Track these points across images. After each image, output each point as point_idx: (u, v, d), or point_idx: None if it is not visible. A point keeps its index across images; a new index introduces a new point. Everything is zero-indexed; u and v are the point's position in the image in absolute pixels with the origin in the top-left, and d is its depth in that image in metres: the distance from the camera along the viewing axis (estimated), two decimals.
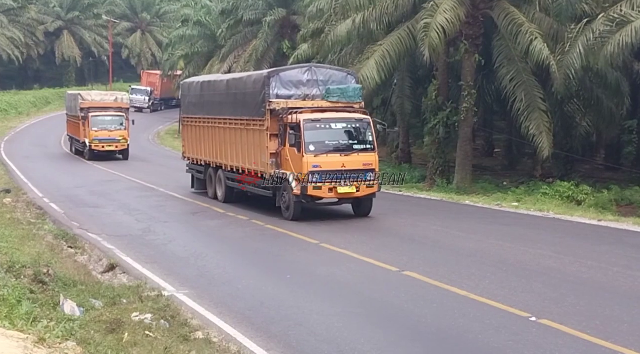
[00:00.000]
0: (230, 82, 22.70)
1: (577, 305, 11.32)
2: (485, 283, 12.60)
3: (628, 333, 10.03)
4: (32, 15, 78.77)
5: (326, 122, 19.01)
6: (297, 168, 18.51)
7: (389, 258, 14.60)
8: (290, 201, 18.88)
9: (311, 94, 19.92)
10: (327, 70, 20.71)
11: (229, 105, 21.93)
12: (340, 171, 18.56)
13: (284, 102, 19.44)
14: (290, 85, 19.80)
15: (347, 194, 18.65)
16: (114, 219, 20.50)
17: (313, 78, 20.01)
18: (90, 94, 40.41)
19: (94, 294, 11.76)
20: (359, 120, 19.32)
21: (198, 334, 10.18)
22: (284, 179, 18.90)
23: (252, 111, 20.18)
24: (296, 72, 20.17)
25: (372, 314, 11.38)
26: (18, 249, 14.34)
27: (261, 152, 19.82)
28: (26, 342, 6.49)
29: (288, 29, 42.16)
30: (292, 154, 18.79)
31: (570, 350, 9.51)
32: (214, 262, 15.08)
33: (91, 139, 37.20)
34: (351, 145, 18.96)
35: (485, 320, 10.80)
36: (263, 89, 19.56)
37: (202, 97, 24.29)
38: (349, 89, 19.84)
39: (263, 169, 19.74)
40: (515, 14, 23.53)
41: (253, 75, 21.75)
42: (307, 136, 18.47)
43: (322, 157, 18.55)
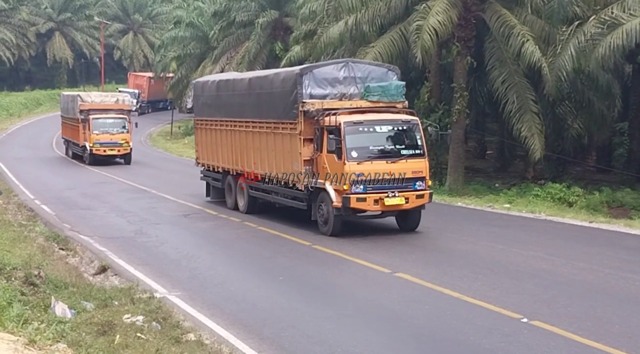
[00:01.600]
0: (253, 80, 20.40)
1: (568, 306, 11.35)
2: (477, 285, 12.62)
3: (619, 334, 10.06)
4: (23, 16, 78.53)
5: (370, 124, 16.90)
6: (337, 177, 16.52)
7: (380, 260, 14.61)
8: (329, 214, 16.88)
9: (348, 92, 17.91)
10: (365, 66, 18.57)
11: (252, 106, 19.88)
12: (387, 179, 16.50)
13: (319, 102, 17.40)
14: (325, 84, 17.74)
15: (395, 206, 16.62)
16: (105, 221, 20.45)
17: (350, 75, 17.93)
18: (89, 95, 38.42)
19: (85, 296, 11.73)
20: (406, 122, 17.27)
21: (190, 336, 10.17)
22: (321, 190, 16.99)
23: (281, 112, 18.18)
24: (331, 69, 18.01)
25: (364, 316, 11.38)
26: (9, 251, 14.28)
27: (292, 158, 17.80)
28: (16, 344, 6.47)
29: (280, 31, 42.19)
30: (330, 161, 16.77)
31: (561, 351, 9.54)
32: (206, 264, 15.06)
33: (92, 143, 35.27)
34: (398, 150, 16.95)
35: (477, 321, 10.82)
36: (294, 88, 17.49)
37: (219, 97, 22.15)
38: (390, 86, 17.76)
39: (295, 178, 17.71)
40: (507, 16, 23.60)
41: (281, 72, 19.34)
42: (348, 140, 16.45)
43: (366, 165, 16.48)
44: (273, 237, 17.56)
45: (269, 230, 18.22)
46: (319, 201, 17.19)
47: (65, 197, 24.85)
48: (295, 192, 17.89)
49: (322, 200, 17.07)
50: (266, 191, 19.50)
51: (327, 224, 17.07)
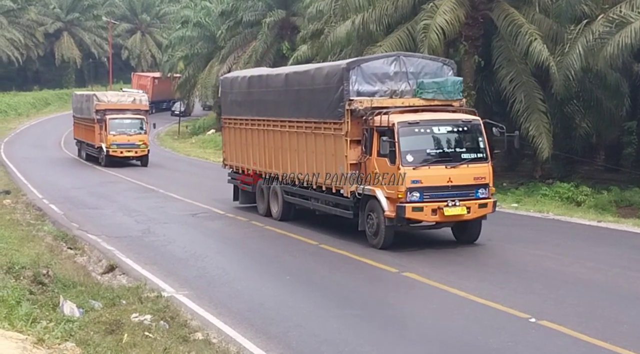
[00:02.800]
0: (291, 76, 18.81)
1: (576, 306, 11.32)
2: (484, 284, 12.60)
3: (628, 333, 10.03)
4: (31, 16, 78.75)
5: (427, 125, 15.28)
6: (390, 183, 14.97)
7: (387, 259, 14.60)
8: (380, 224, 15.26)
9: (399, 89, 16.38)
10: (418, 60, 16.98)
11: (289, 104, 18.40)
12: (447, 186, 14.89)
13: (367, 100, 15.93)
14: (374, 79, 16.24)
15: (456, 216, 15.00)
16: (113, 220, 20.49)
17: (401, 70, 16.39)
18: (106, 94, 37.16)
19: (93, 295, 11.76)
20: (467, 122, 15.65)
21: (197, 335, 10.19)
22: (371, 197, 15.45)
23: (324, 111, 16.72)
24: (381, 63, 16.47)
25: (372, 316, 11.38)
26: (17, 250, 14.34)
27: (336, 162, 16.32)
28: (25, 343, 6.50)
29: (287, 30, 42.20)
30: (381, 166, 15.20)
31: (569, 351, 9.52)
32: (213, 263, 15.07)
33: (108, 144, 33.98)
34: (459, 154, 15.32)
35: (484, 321, 10.81)
36: (340, 85, 16.02)
37: (250, 94, 20.60)
38: (446, 82, 16.22)
39: (339, 184, 16.24)
40: (514, 15, 23.54)
41: (324, 67, 17.72)
42: (403, 143, 14.84)
43: (423, 170, 14.88)
44: (280, 236, 17.56)
45: (276, 229, 18.22)
46: (368, 209, 15.60)
47: (73, 197, 24.91)
48: (340, 199, 16.45)
49: (372, 209, 15.46)
50: (304, 196, 18.13)
51: (377, 236, 15.40)
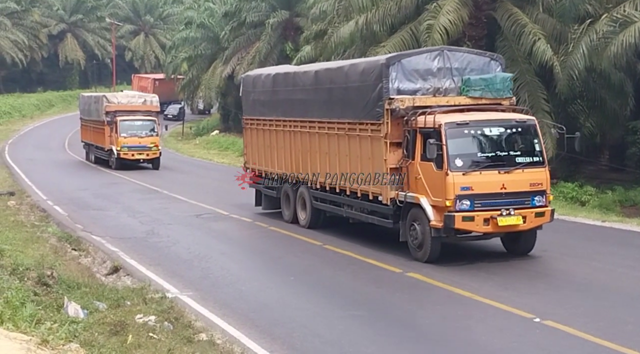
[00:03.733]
0: (322, 73, 17.56)
1: (581, 306, 11.31)
2: (488, 285, 12.58)
3: (633, 333, 10.02)
4: (35, 18, 78.91)
5: (477, 126, 13.99)
6: (437, 190, 13.68)
7: (391, 259, 14.56)
8: (425, 236, 13.99)
9: (443, 86, 15.15)
10: (463, 55, 15.71)
11: (320, 104, 17.22)
12: (500, 194, 13.60)
13: (409, 99, 14.66)
14: (416, 76, 15.02)
15: (511, 227, 13.67)
16: (117, 221, 20.52)
17: (445, 65, 15.16)
18: (116, 96, 36.22)
19: (97, 297, 11.78)
20: (521, 122, 14.36)
21: (202, 336, 10.20)
22: (414, 205, 14.22)
23: (360, 111, 15.50)
24: (423, 58, 15.23)
25: (376, 316, 11.38)
26: (22, 251, 14.36)
27: (374, 166, 15.07)
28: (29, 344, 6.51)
29: (291, 31, 42.22)
30: (426, 171, 13.96)
31: (574, 351, 9.51)
32: (217, 264, 15.08)
33: (119, 147, 32.92)
34: (513, 157, 13.99)
35: (489, 321, 10.80)
36: (379, 82, 14.80)
37: (276, 93, 19.45)
38: (495, 79, 14.96)
39: (377, 190, 15.00)
40: (518, 15, 23.51)
41: (360, 63, 16.45)
42: (451, 146, 13.58)
43: (474, 176, 13.60)
44: (284, 237, 17.56)
45: (280, 230, 18.21)
46: (411, 219, 14.34)
47: (78, 198, 24.95)
48: (378, 206, 15.20)
49: (415, 218, 14.21)
50: (336, 203, 16.89)
51: (421, 248, 14.14)
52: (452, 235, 13.98)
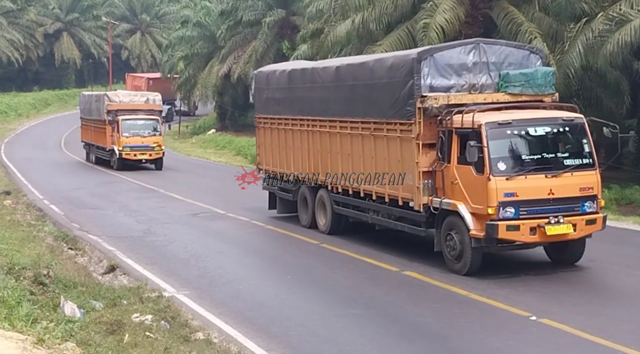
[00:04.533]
0: (344, 69, 16.43)
1: (577, 304, 11.32)
2: (484, 282, 12.57)
3: (629, 331, 10.04)
4: (31, 17, 78.75)
5: (521, 125, 12.82)
6: (477, 196, 12.57)
7: (387, 258, 14.57)
8: (464, 246, 12.84)
9: (479, 82, 13.94)
10: (500, 48, 14.42)
11: (341, 102, 16.27)
12: (547, 200, 12.48)
13: (443, 96, 13.57)
14: (450, 72, 13.86)
15: (560, 236, 12.56)
16: (114, 220, 20.49)
17: (481, 59, 13.96)
18: (117, 94, 35.23)
19: (94, 296, 11.76)
20: (568, 121, 13.18)
21: (198, 335, 10.19)
22: (450, 212, 13.11)
23: (387, 110, 14.45)
24: (457, 52, 14.02)
25: (373, 315, 11.39)
26: (18, 250, 14.33)
27: (403, 169, 14.05)
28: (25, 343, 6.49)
29: (287, 30, 42.18)
30: (464, 175, 12.86)
31: (571, 349, 9.52)
32: (214, 263, 15.07)
33: (121, 146, 32.05)
34: (561, 160, 12.90)
35: (485, 320, 10.81)
36: (409, 78, 13.70)
37: (292, 91, 18.38)
38: (536, 74, 13.82)
39: (408, 195, 13.97)
40: (514, 14, 23.51)
41: (387, 58, 15.30)
42: (493, 147, 12.48)
43: (519, 181, 12.46)
44: (281, 236, 17.55)
45: (277, 229, 18.21)
46: (447, 227, 13.24)
47: (74, 197, 24.91)
48: (408, 213, 14.19)
49: (452, 227, 13.10)
50: (360, 208, 15.87)
51: (459, 260, 13.02)
52: (493, 245, 12.85)
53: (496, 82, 14.01)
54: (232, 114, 48.75)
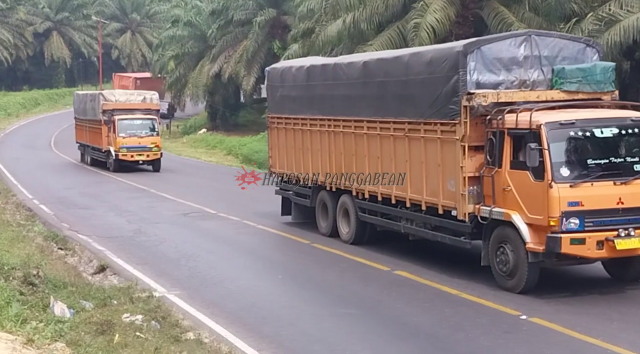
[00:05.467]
0: (373, 64, 14.91)
1: (566, 303, 11.36)
2: (475, 282, 12.59)
3: (618, 329, 10.09)
4: (20, 16, 78.47)
5: (585, 126, 11.42)
6: (535, 205, 11.23)
7: (380, 258, 14.59)
8: (518, 261, 11.51)
9: (530, 78, 12.60)
10: (553, 40, 13.00)
11: (369, 100, 14.89)
12: (616, 210, 11.16)
13: (493, 93, 12.20)
14: (498, 66, 12.52)
15: (631, 251, 11.27)
16: (104, 220, 20.43)
17: (533, 53, 12.60)
18: (113, 93, 34.04)
19: (84, 296, 11.72)
20: (637, 121, 11.73)
21: (189, 335, 10.17)
22: (501, 223, 11.80)
23: (425, 108, 13.08)
24: (507, 45, 12.64)
25: (364, 314, 11.41)
26: (7, 250, 14.26)
27: (444, 174, 12.73)
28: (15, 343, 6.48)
29: (278, 29, 42.14)
30: (519, 182, 11.51)
31: (560, 348, 9.57)
32: (205, 262, 15.05)
33: (118, 147, 30.88)
34: (630, 165, 11.51)
35: (476, 319, 10.84)
36: (453, 74, 12.36)
37: (310, 88, 16.94)
38: (595, 69, 12.48)
39: (450, 202, 12.61)
40: (504, 14, 23.58)
41: (426, 51, 13.96)
42: (555, 151, 11.15)
43: (584, 188, 11.12)
44: (272, 235, 17.55)
45: (268, 229, 18.20)
46: (497, 239, 11.91)
47: (64, 197, 24.83)
48: (449, 222, 12.81)
49: (504, 239, 11.78)
50: (391, 216, 14.53)
51: (512, 276, 11.72)
52: (552, 260, 11.57)
53: (549, 78, 12.70)
54: (223, 113, 48.69)
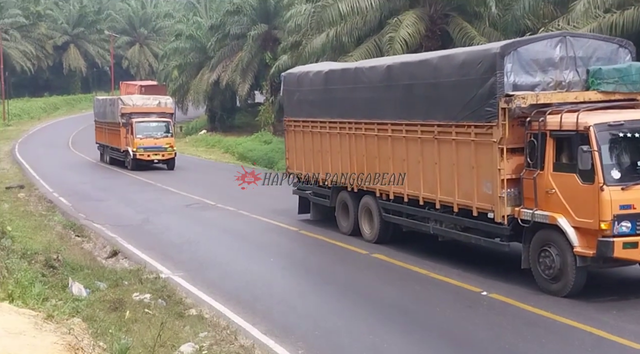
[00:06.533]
0: (397, 68, 13.62)
1: (522, 282, 11.41)
2: (441, 264, 12.64)
3: (566, 304, 10.17)
4: (42, 31, 78.00)
5: (634, 127, 10.18)
6: (584, 209, 10.03)
7: (357, 243, 14.57)
8: (564, 265, 10.25)
9: (566, 80, 11.33)
10: (587, 41, 11.72)
11: (394, 103, 13.49)
12: None
13: (532, 95, 10.90)
14: (534, 68, 11.22)
15: None
16: (116, 210, 20.34)
17: (568, 54, 11.34)
18: (131, 98, 33.36)
19: (98, 277, 11.71)
20: None
21: (191, 311, 10.18)
22: (544, 226, 10.52)
23: (458, 111, 11.76)
24: (543, 46, 11.37)
25: (344, 292, 11.45)
26: (31, 237, 14.23)
27: (479, 176, 11.42)
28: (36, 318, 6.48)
29: (270, 42, 42.02)
30: (564, 184, 10.28)
31: (514, 318, 9.67)
32: (205, 248, 15.03)
33: (135, 148, 30.11)
34: None
35: (442, 295, 10.92)
36: (490, 76, 11.06)
37: (329, 92, 15.58)
38: (630, 69, 11.24)
39: (486, 205, 11.28)
40: (468, 29, 23.65)
41: (457, 54, 12.41)
42: (605, 153, 10.04)
43: (636, 191, 9.92)
44: (265, 223, 17.52)
45: (261, 218, 18.14)
46: (540, 243, 10.64)
47: (80, 190, 24.68)
48: (485, 224, 11.49)
49: (548, 242, 10.50)
50: (417, 217, 13.17)
51: (558, 280, 10.42)
52: (599, 263, 10.29)
53: (584, 79, 11.43)
54: (221, 116, 48.61)
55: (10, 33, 72.62)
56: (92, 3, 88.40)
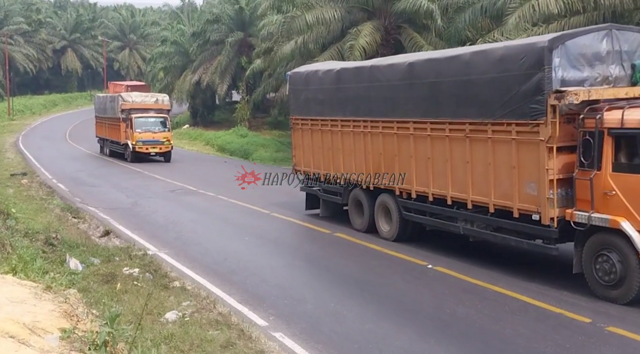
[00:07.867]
0: (421, 65, 11.72)
1: (462, 256, 11.58)
2: (394, 242, 12.71)
3: (498, 273, 10.34)
4: (42, 36, 76.66)
5: None
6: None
7: (322, 223, 14.62)
8: (627, 270, 8.58)
9: (612, 74, 9.66)
10: (633, 34, 9.96)
11: (418, 101, 11.58)
12: None
13: (584, 91, 9.06)
14: (582, 62, 9.49)
15: None
16: (108, 195, 20.02)
17: (614, 48, 9.66)
18: (130, 95, 31.91)
19: (92, 254, 11.54)
20: None
21: (175, 284, 10.10)
22: (603, 230, 8.81)
23: (496, 108, 9.91)
24: (590, 39, 9.59)
25: (310, 266, 11.50)
26: (32, 219, 13.95)
27: (520, 175, 9.65)
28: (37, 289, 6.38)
29: (245, 48, 41.75)
30: (627, 185, 8.56)
31: (455, 288, 9.80)
32: (187, 228, 14.90)
33: (135, 141, 29.09)
34: None
35: (393, 268, 11.01)
36: (537, 71, 9.27)
37: (341, 91, 13.72)
38: None
39: (529, 206, 9.53)
40: (417, 38, 23.80)
41: (494, 49, 10.46)
42: None
43: None
44: (240, 207, 17.43)
45: (237, 202, 18.04)
46: (596, 246, 8.94)
47: (77, 177, 24.25)
48: (526, 226, 9.72)
49: (606, 247, 8.81)
50: (443, 216, 11.43)
51: (618, 287, 8.71)
52: None
53: (629, 74, 9.78)
54: (202, 113, 48.27)
55: (15, 38, 71.44)
56: (88, 12, 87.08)
